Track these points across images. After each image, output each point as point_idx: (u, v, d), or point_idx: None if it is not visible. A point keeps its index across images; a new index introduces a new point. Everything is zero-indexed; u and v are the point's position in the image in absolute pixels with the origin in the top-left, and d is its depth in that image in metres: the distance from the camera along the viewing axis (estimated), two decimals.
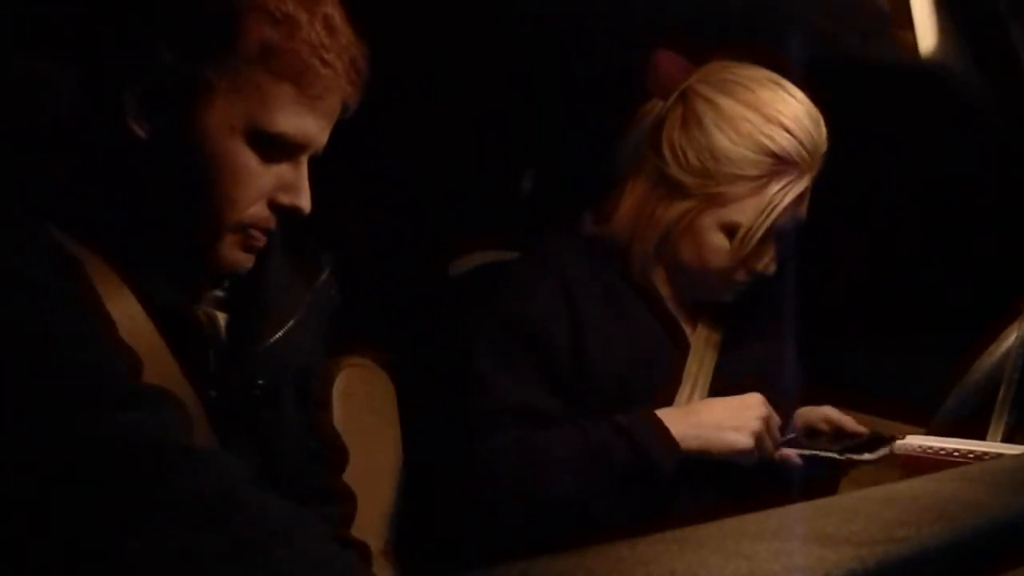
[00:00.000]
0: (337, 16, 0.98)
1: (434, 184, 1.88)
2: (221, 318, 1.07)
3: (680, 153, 1.40)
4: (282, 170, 0.99)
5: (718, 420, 1.41)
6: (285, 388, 1.12)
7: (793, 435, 1.52)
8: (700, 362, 1.50)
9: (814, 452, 1.46)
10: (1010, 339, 1.27)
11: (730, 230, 1.40)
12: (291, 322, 1.09)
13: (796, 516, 0.65)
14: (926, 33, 1.44)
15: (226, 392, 1.04)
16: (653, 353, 1.47)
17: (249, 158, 0.96)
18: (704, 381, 1.49)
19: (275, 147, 0.97)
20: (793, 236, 1.48)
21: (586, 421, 1.39)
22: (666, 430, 1.38)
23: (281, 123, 0.95)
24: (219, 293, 1.08)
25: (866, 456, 1.46)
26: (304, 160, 1.00)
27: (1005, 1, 1.49)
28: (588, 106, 1.73)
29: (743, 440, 1.40)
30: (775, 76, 1.41)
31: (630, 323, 1.46)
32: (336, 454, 1.25)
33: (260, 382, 1.06)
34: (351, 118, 1.04)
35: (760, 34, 1.44)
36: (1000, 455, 1.08)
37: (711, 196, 1.39)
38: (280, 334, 1.08)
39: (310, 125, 0.98)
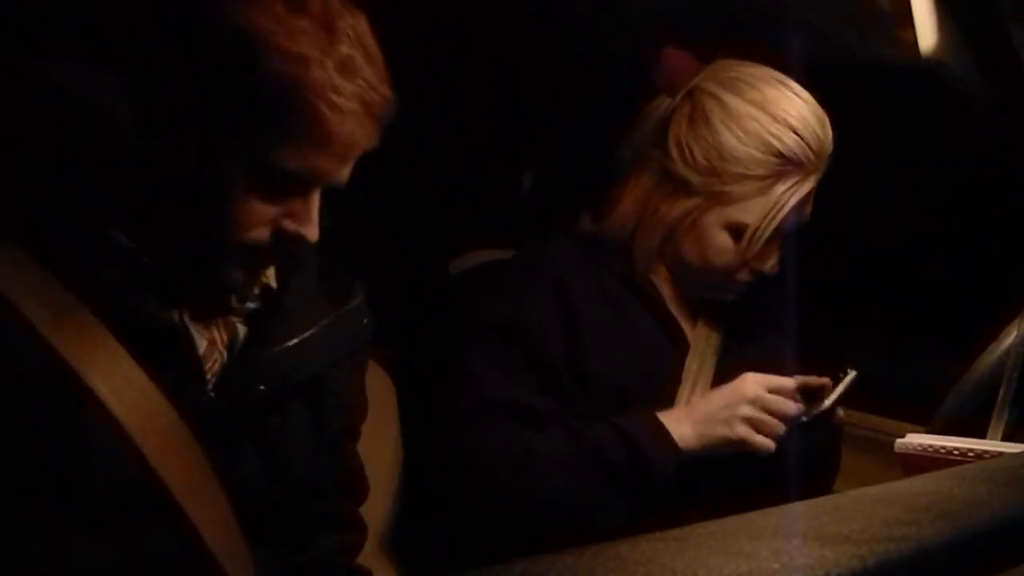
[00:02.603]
0: (358, 57, 0.96)
1: (435, 182, 1.87)
2: (241, 329, 1.08)
3: (687, 150, 1.40)
4: (290, 200, 0.99)
5: (709, 414, 1.39)
6: (294, 400, 1.12)
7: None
8: (700, 360, 1.50)
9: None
10: (1010, 338, 1.27)
11: (734, 229, 1.40)
12: (305, 334, 1.09)
13: (796, 515, 0.65)
14: (926, 32, 1.44)
15: (227, 397, 1.04)
16: (653, 354, 1.47)
17: (254, 187, 0.96)
18: (705, 380, 1.49)
19: (282, 182, 0.97)
20: (794, 234, 1.48)
21: (583, 422, 1.38)
22: (665, 431, 1.37)
23: (287, 161, 0.95)
24: (252, 305, 1.09)
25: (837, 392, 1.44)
26: (315, 193, 1.00)
27: (1006, 1, 1.49)
28: (589, 105, 1.73)
29: (734, 432, 1.38)
30: (781, 76, 1.41)
31: (629, 325, 1.46)
32: (357, 485, 1.25)
33: (262, 387, 1.06)
34: None
35: (760, 33, 1.45)
36: (1000, 454, 1.08)
37: (716, 194, 1.39)
38: (290, 344, 1.08)
39: (319, 164, 0.97)
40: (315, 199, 1.00)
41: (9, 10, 1.12)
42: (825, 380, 1.46)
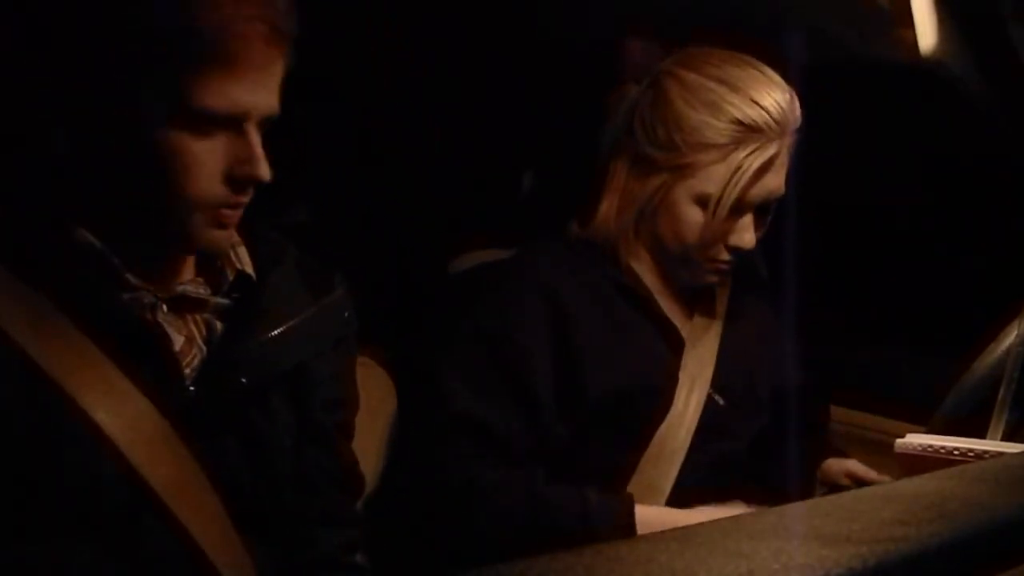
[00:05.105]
0: None
1: (434, 183, 1.88)
2: (219, 324, 1.08)
3: (650, 129, 1.42)
4: (228, 143, 0.97)
5: None
6: (277, 392, 1.11)
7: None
8: (699, 359, 1.49)
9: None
10: (1010, 338, 1.27)
11: (701, 201, 1.40)
12: (285, 326, 1.09)
13: (796, 515, 0.65)
14: (926, 32, 1.44)
15: (207, 391, 1.04)
16: (646, 356, 1.46)
17: (184, 138, 0.95)
18: (704, 381, 1.48)
19: (208, 122, 0.95)
20: (792, 238, 1.48)
21: (551, 475, 1.37)
22: (631, 526, 1.34)
23: (206, 99, 0.94)
24: (224, 301, 1.08)
25: None
26: (250, 129, 0.98)
27: (1006, 1, 1.50)
28: (590, 105, 1.73)
29: None
30: (746, 57, 1.42)
31: (620, 327, 1.45)
32: (353, 481, 1.25)
33: (243, 380, 1.06)
34: (352, 120, 1.03)
35: (760, 32, 1.45)
36: (1000, 454, 1.08)
37: (681, 168, 1.40)
38: (270, 335, 1.08)
39: (238, 95, 0.95)
40: (253, 135, 0.98)
41: None
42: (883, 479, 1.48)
